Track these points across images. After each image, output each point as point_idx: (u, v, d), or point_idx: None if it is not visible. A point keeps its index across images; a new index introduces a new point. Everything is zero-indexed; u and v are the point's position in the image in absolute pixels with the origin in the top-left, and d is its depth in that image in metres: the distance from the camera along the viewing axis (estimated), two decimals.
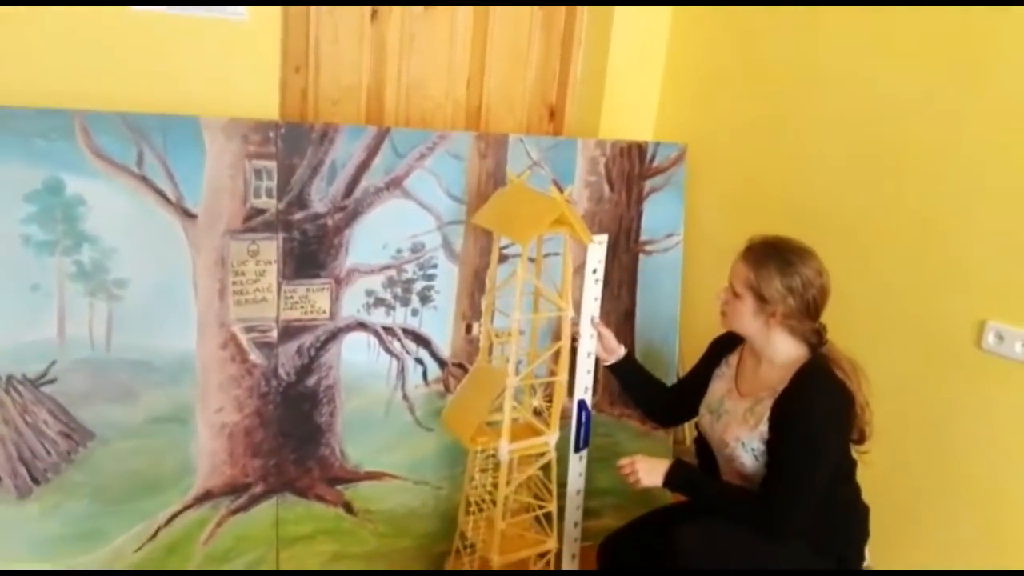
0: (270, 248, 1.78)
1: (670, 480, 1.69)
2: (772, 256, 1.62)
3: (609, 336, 1.91)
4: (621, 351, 1.93)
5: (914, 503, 2.07)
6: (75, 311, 1.61)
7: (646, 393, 1.97)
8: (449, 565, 1.98)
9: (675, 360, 2.36)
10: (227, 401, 1.80)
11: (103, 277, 1.63)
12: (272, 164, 1.74)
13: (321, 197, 1.81)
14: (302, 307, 1.84)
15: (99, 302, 1.63)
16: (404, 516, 2.04)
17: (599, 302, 1.86)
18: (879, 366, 1.63)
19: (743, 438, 1.66)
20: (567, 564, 1.98)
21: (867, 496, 1.78)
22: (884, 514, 1.78)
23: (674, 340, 2.36)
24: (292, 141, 1.75)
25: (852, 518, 1.73)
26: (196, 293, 1.72)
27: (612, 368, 1.94)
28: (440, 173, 1.93)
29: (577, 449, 1.93)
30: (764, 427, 1.63)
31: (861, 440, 1.65)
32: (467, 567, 1.86)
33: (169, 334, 1.71)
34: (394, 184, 1.88)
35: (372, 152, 1.84)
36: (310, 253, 1.82)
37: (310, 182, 1.79)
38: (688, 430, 2.67)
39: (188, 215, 1.68)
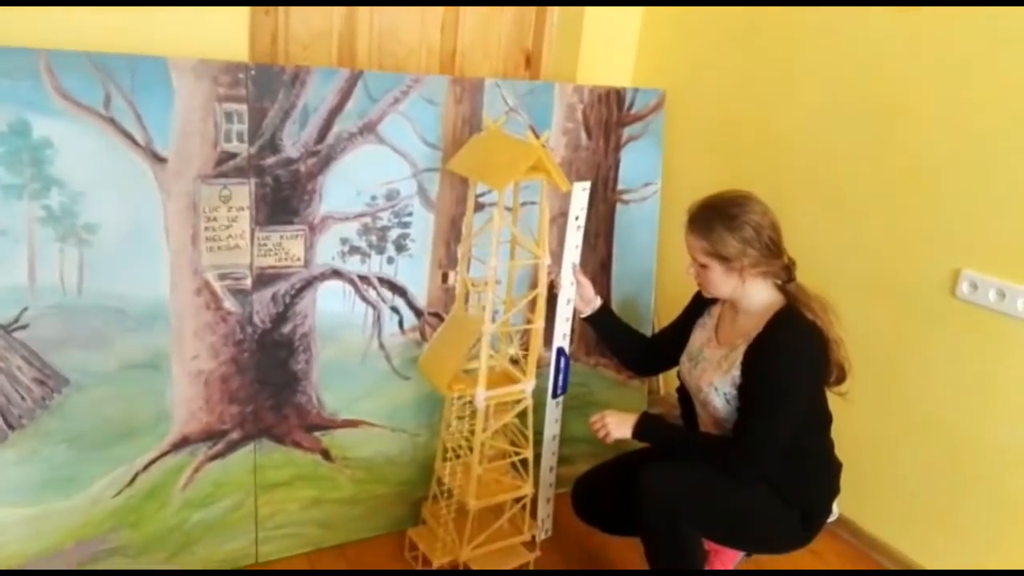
0: (242, 194, 1.78)
1: (638, 431, 1.75)
2: (714, 217, 1.66)
3: (587, 286, 1.95)
4: (597, 302, 1.97)
5: (887, 453, 2.15)
6: (45, 257, 1.62)
7: (623, 343, 2.02)
8: (426, 511, 2.04)
9: (651, 311, 2.41)
10: (202, 348, 1.82)
11: (73, 222, 1.63)
12: (243, 107, 1.74)
13: (293, 142, 1.81)
14: (276, 254, 1.85)
15: (69, 247, 1.64)
16: (382, 463, 2.08)
17: (579, 249, 1.88)
18: (853, 315, 1.68)
19: (716, 383, 1.71)
20: (542, 508, 2.04)
21: (839, 446, 1.83)
22: (856, 464, 1.85)
23: (649, 291, 2.40)
24: (263, 83, 1.74)
25: (822, 471, 1.79)
26: (168, 239, 1.73)
27: (588, 319, 1.98)
28: (415, 118, 1.93)
29: (555, 395, 1.98)
30: (736, 372, 1.68)
31: (841, 378, 1.70)
32: (444, 512, 1.92)
33: (142, 281, 1.72)
34: (368, 129, 1.89)
35: (345, 96, 1.84)
36: (283, 199, 1.83)
37: (282, 126, 1.79)
38: (663, 381, 2.74)
39: (158, 159, 1.68)
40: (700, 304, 1.90)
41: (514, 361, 1.92)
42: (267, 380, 1.90)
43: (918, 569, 1.94)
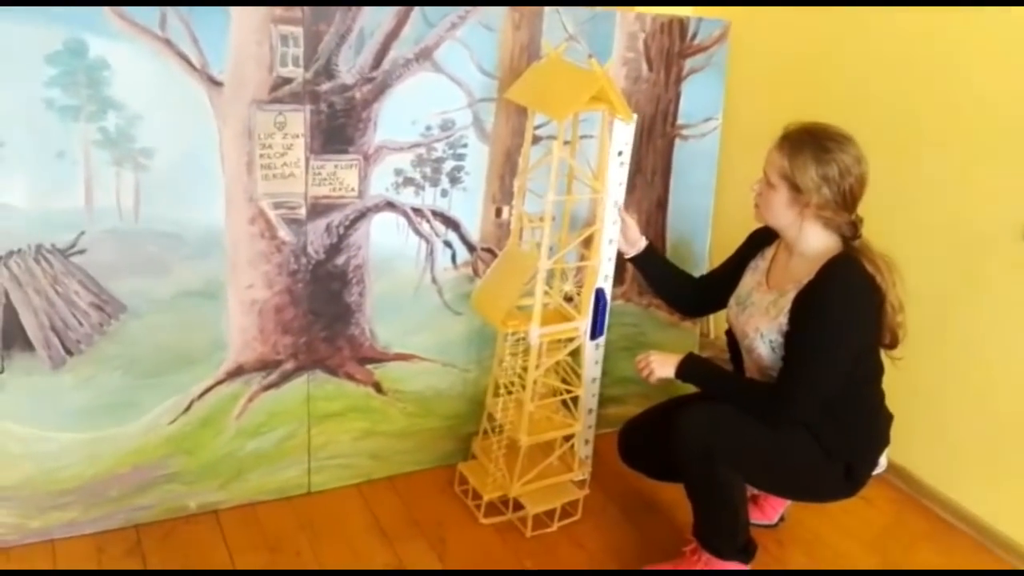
0: (297, 120, 1.74)
1: (681, 371, 1.71)
2: (808, 143, 1.57)
3: (633, 226, 1.88)
4: (642, 243, 1.90)
5: (943, 400, 2.09)
6: (102, 180, 1.60)
7: (669, 284, 1.96)
8: (476, 446, 2.03)
9: (706, 252, 2.34)
10: (257, 277, 1.80)
11: (129, 145, 1.60)
12: (298, 30, 1.68)
13: (349, 67, 1.76)
14: (330, 184, 1.81)
15: (126, 171, 1.62)
16: (432, 397, 2.07)
17: (623, 187, 1.82)
18: (917, 265, 1.60)
19: (763, 329, 1.66)
20: (579, 448, 2.02)
21: (892, 393, 1.77)
22: (910, 411, 1.78)
23: (706, 232, 2.34)
24: (319, 6, 1.68)
25: (871, 424, 1.72)
26: (224, 166, 1.70)
27: (633, 260, 1.92)
28: (472, 45, 1.86)
29: (593, 336, 1.93)
30: (784, 319, 1.62)
31: (893, 344, 1.64)
32: (495, 447, 1.90)
33: (197, 207, 1.70)
34: (424, 56, 1.82)
35: (402, 20, 1.78)
36: (338, 127, 1.78)
37: (337, 51, 1.73)
38: (714, 323, 2.69)
39: (214, 82, 1.64)
40: (754, 245, 1.83)
41: (567, 299, 1.88)
42: (321, 311, 1.88)
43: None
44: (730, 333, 1.86)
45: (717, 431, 1.62)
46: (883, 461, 1.75)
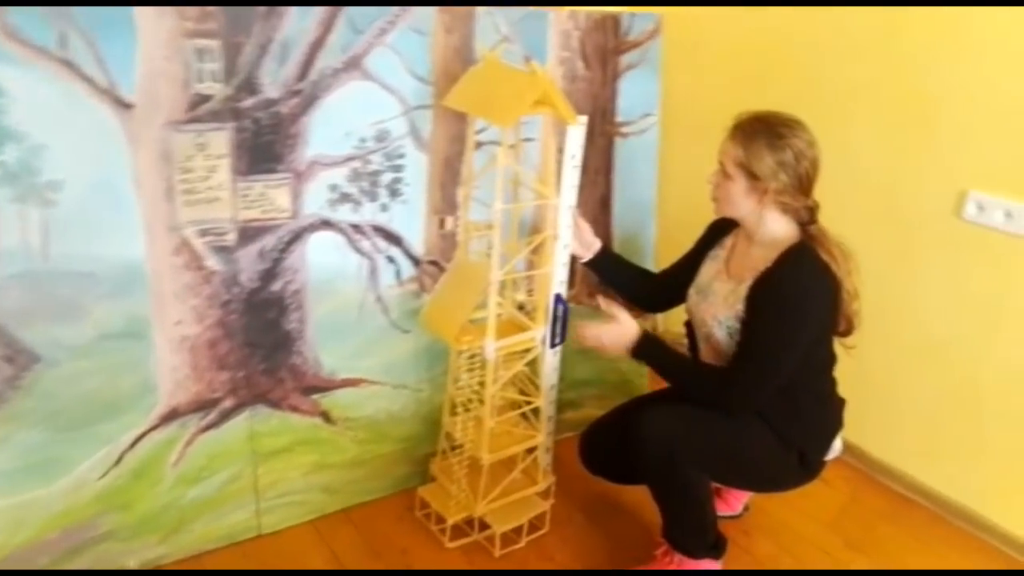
0: (219, 140, 1.60)
1: (637, 350, 1.67)
2: (761, 131, 1.55)
3: (586, 229, 1.84)
4: (597, 245, 1.86)
5: (893, 379, 2.13)
6: (4, 219, 1.44)
7: (629, 283, 1.93)
8: (435, 467, 1.94)
9: (651, 245, 2.31)
10: (185, 312, 1.66)
11: (33, 179, 1.44)
12: (215, 43, 1.55)
13: (273, 80, 1.63)
14: (260, 205, 1.69)
15: (31, 208, 1.45)
16: (384, 421, 1.97)
17: (576, 190, 1.76)
18: (857, 243, 1.61)
19: (720, 316, 1.64)
20: (542, 458, 1.96)
21: (844, 373, 1.76)
22: (862, 391, 1.79)
23: (650, 226, 2.31)
24: (236, 16, 1.55)
25: (824, 411, 1.73)
26: (140, 194, 1.55)
27: (589, 264, 1.87)
28: (403, 51, 1.76)
29: (553, 344, 1.88)
30: (741, 306, 1.61)
31: (848, 331, 1.64)
32: (455, 467, 1.82)
33: (114, 241, 1.55)
34: (353, 64, 1.71)
35: (327, 27, 1.66)
36: (265, 144, 1.66)
37: (259, 63, 1.61)
38: (662, 319, 2.67)
39: (123, 105, 1.49)
40: (713, 235, 1.81)
41: (520, 307, 1.81)
42: (259, 342, 1.75)
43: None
44: (689, 324, 1.83)
45: (677, 432, 1.60)
46: (838, 445, 1.75)
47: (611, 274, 1.91)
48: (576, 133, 1.68)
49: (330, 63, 1.68)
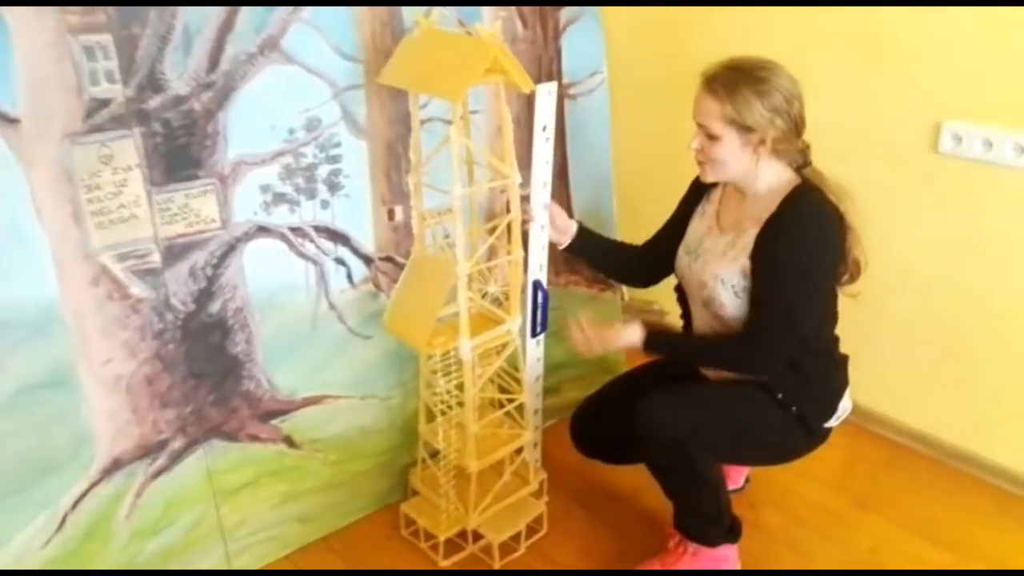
0: (126, 149, 1.40)
1: (648, 348, 1.57)
2: (741, 80, 1.42)
3: (560, 213, 1.70)
4: (573, 227, 1.73)
5: (874, 320, 2.04)
6: None
7: (615, 262, 1.80)
8: (416, 479, 1.79)
9: (612, 215, 2.17)
10: (115, 349, 1.46)
11: None
12: (106, 38, 1.34)
13: (180, 74, 1.43)
14: (185, 218, 1.49)
15: None
16: (355, 437, 1.81)
17: (550, 165, 1.60)
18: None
19: (722, 274, 1.51)
20: (528, 453, 1.83)
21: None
22: (846, 345, 1.69)
23: (609, 194, 2.17)
24: (127, 5, 1.34)
25: (830, 372, 1.62)
26: (43, 221, 1.34)
27: (569, 249, 1.73)
28: (324, 26, 1.57)
29: (535, 333, 1.74)
30: (746, 259, 1.48)
31: (855, 275, 1.53)
32: (440, 478, 1.67)
33: (19, 280, 1.34)
34: (269, 46, 1.51)
35: (234, 8, 1.45)
36: (180, 148, 1.46)
37: (161, 56, 1.40)
38: (627, 290, 2.55)
39: (7, 120, 1.28)
40: (697, 192, 1.68)
41: (491, 298, 1.65)
42: (204, 371, 1.57)
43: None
44: (679, 290, 1.70)
45: (684, 418, 1.49)
46: (846, 404, 1.66)
47: (595, 256, 1.78)
48: (544, 102, 1.53)
49: (243, 48, 1.48)
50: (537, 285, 1.68)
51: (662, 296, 2.08)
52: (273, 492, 1.71)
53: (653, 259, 1.72)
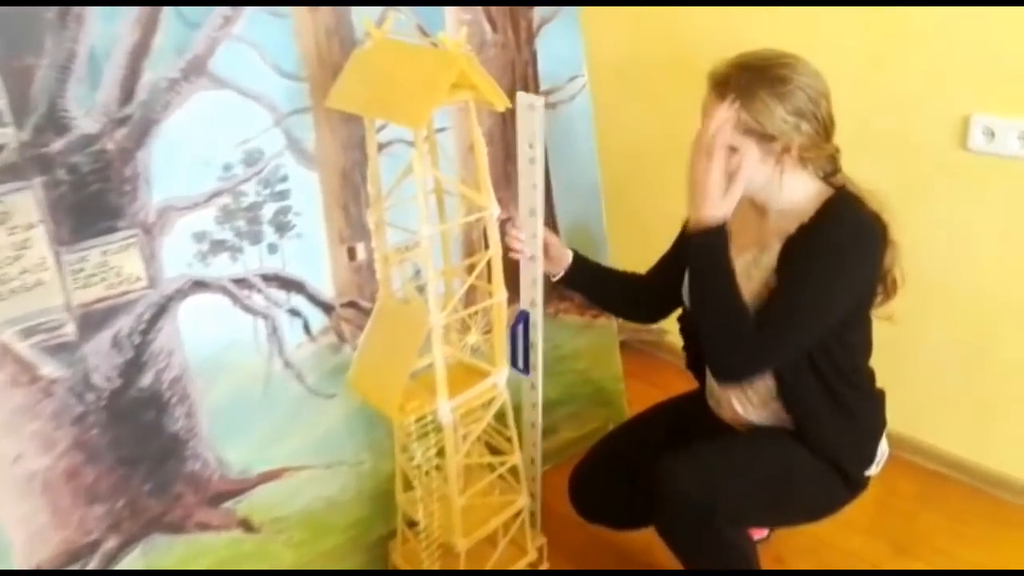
0: (25, 204, 1.20)
1: (709, 233, 1.27)
2: (756, 81, 1.24)
3: (555, 243, 1.51)
4: (568, 257, 1.54)
5: (904, 344, 1.87)
6: None
7: (619, 295, 1.61)
8: (396, 555, 1.60)
9: (603, 232, 1.99)
10: (25, 442, 1.26)
11: None
12: None
13: (87, 110, 1.22)
14: (103, 279, 1.28)
15: None
16: (322, 511, 1.61)
17: (540, 190, 1.42)
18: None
19: (748, 298, 1.32)
20: (528, 522, 1.65)
21: None
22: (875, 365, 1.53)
23: (599, 209, 1.98)
24: (15, 30, 1.13)
25: (868, 413, 1.44)
26: None
27: (564, 281, 1.55)
28: (259, 41, 1.37)
29: (525, 371, 1.55)
30: (771, 275, 1.30)
31: (891, 294, 1.36)
32: (423, 556, 1.47)
33: None
34: (195, 70, 1.31)
35: (149, 27, 1.25)
36: (93, 198, 1.25)
37: (62, 89, 1.20)
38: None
39: None
40: None
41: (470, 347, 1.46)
42: (137, 456, 1.36)
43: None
44: (685, 318, 1.52)
45: (711, 481, 1.31)
46: (884, 447, 1.49)
47: (592, 289, 1.60)
48: (528, 118, 1.34)
49: (163, 73, 1.28)
50: (522, 317, 1.50)
51: None
52: None
53: (662, 291, 1.52)
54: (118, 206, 1.28)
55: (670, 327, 1.62)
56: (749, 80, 1.23)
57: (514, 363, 1.54)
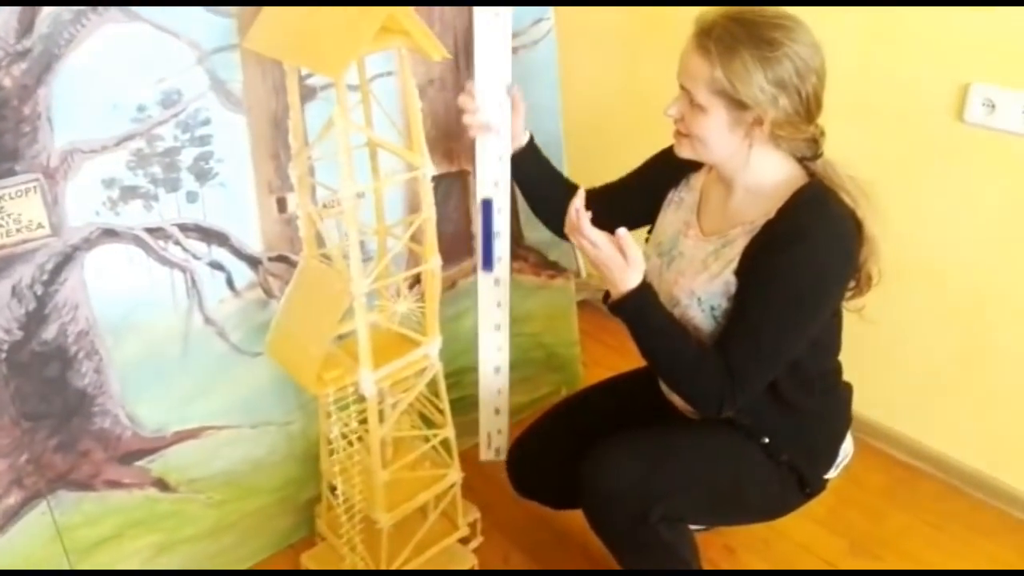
0: None
1: (626, 302, 1.26)
2: (743, 39, 1.15)
3: (521, 112, 1.47)
4: (525, 137, 1.50)
5: (885, 326, 1.82)
6: None
7: (549, 192, 1.55)
8: (321, 523, 1.60)
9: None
10: None
11: None
12: None
13: None
14: (1, 225, 1.24)
15: None
16: (247, 472, 1.61)
17: (506, 49, 1.40)
18: (845, 155, 1.28)
19: (699, 291, 1.28)
20: (483, 454, 1.65)
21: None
22: (848, 345, 1.48)
23: (560, 163, 1.91)
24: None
25: (830, 411, 1.42)
26: None
27: (513, 158, 1.50)
28: None
29: (487, 266, 1.54)
30: (730, 275, 1.25)
31: (864, 289, 1.30)
32: (347, 524, 1.47)
33: None
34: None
35: None
36: None
37: None
38: (584, 260, 2.33)
39: None
40: (670, 170, 1.42)
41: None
42: (39, 412, 1.35)
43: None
44: None
45: (647, 480, 1.28)
46: (848, 447, 1.46)
47: (531, 178, 1.54)
48: (490, 30, 1.36)
49: (67, 4, 1.21)
50: (488, 205, 1.47)
51: None
52: (143, 544, 1.52)
53: (594, 212, 1.49)
54: (16, 148, 1.23)
55: None
56: (736, 35, 1.15)
57: (486, 264, 1.51)
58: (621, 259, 1.23)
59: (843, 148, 1.30)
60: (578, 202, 1.24)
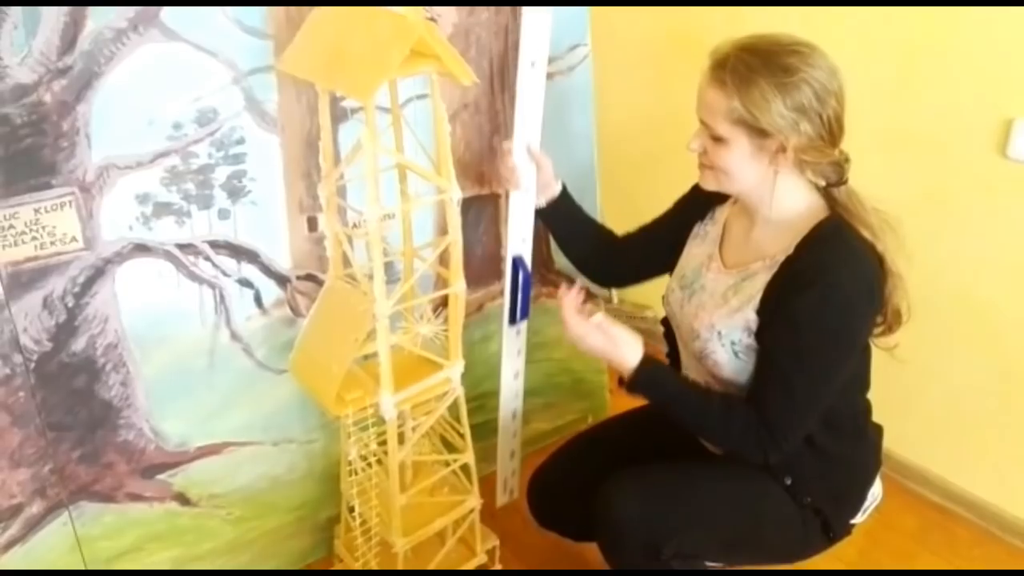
0: None
1: (635, 381, 1.29)
2: (759, 67, 1.16)
3: (547, 166, 1.48)
4: (556, 187, 1.51)
5: (922, 365, 1.79)
6: None
7: (583, 241, 1.58)
8: (339, 543, 1.61)
9: (598, 214, 1.94)
10: None
11: None
12: None
13: (23, 57, 1.21)
14: (35, 238, 1.28)
15: None
16: (267, 490, 1.63)
17: (540, 116, 1.43)
18: (876, 186, 1.27)
19: (719, 326, 1.28)
20: (500, 500, 1.65)
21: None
22: (882, 382, 1.45)
23: (594, 190, 1.93)
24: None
25: (859, 454, 1.40)
26: None
27: (544, 212, 1.53)
28: None
29: (513, 320, 1.55)
30: (751, 313, 1.25)
31: (894, 327, 1.29)
32: (363, 546, 1.48)
33: None
34: (145, 20, 1.29)
35: None
36: (26, 152, 1.25)
37: None
38: (615, 292, 2.35)
39: None
40: (698, 203, 1.44)
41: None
42: (65, 423, 1.38)
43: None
44: (667, 323, 1.49)
45: (661, 516, 1.27)
46: (877, 491, 1.43)
47: (565, 228, 1.57)
48: (531, 24, 1.34)
49: (109, 23, 1.26)
50: (518, 262, 1.49)
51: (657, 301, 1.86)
52: (161, 558, 1.54)
53: (625, 257, 1.53)
54: (54, 162, 1.27)
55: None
56: (751, 65, 1.16)
57: (512, 318, 1.53)
58: (610, 343, 1.28)
59: (876, 177, 1.30)
60: (568, 300, 1.31)
